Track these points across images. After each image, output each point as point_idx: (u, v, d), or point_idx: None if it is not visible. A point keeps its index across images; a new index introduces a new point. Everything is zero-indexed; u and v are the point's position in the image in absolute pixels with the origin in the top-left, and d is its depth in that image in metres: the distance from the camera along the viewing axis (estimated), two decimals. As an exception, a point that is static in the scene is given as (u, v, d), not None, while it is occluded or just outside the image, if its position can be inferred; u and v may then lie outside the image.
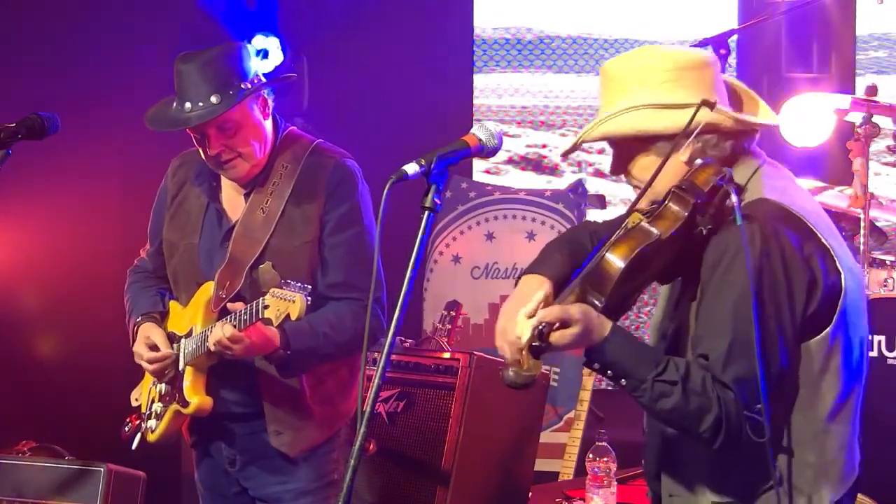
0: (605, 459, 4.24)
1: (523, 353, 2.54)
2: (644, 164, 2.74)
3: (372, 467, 4.47)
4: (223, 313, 3.65)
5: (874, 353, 4.68)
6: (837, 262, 2.65)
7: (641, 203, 2.72)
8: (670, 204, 2.61)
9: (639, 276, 2.62)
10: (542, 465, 5.02)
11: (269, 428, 3.72)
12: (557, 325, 2.54)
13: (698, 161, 2.67)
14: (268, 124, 3.74)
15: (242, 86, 3.63)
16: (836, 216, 4.92)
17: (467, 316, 6.16)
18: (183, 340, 3.77)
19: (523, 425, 4.57)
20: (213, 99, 3.59)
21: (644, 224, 2.61)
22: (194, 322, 3.74)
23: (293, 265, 3.66)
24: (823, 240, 2.65)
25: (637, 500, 4.44)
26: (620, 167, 2.81)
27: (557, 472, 5.26)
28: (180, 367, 3.75)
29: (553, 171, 7.22)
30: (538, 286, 2.82)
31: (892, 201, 5.50)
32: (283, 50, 6.64)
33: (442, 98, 6.81)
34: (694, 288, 2.71)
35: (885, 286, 5.15)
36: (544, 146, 7.23)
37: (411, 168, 2.66)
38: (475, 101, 7.17)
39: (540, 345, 2.53)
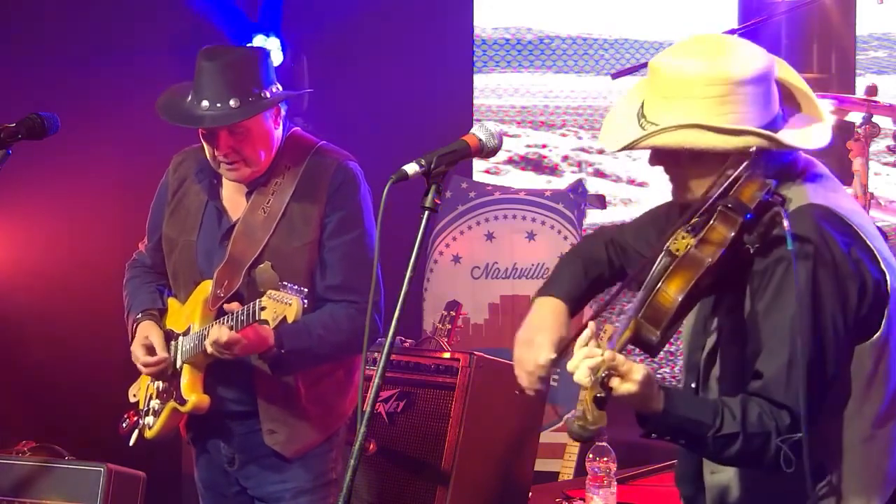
0: (605, 459, 4.24)
1: (586, 404, 2.46)
2: (687, 173, 2.72)
3: (372, 467, 4.47)
4: (221, 312, 3.65)
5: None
6: (882, 264, 2.64)
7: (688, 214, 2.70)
8: (717, 224, 2.57)
9: (689, 304, 2.58)
10: (542, 465, 5.02)
11: (263, 427, 3.72)
12: (617, 373, 2.49)
13: (741, 169, 2.62)
14: (277, 132, 3.74)
15: (262, 94, 3.62)
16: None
17: (467, 316, 6.15)
18: (181, 338, 3.76)
19: (523, 425, 4.57)
20: (232, 103, 3.58)
21: (694, 251, 2.55)
22: (192, 320, 3.74)
23: (292, 266, 3.66)
24: (868, 242, 2.64)
25: (637, 500, 4.44)
26: (660, 163, 2.77)
27: (557, 472, 5.26)
28: (178, 365, 3.75)
29: (553, 171, 7.21)
30: (553, 311, 2.84)
31: (891, 201, 5.49)
32: (284, 50, 6.64)
33: (442, 98, 6.80)
34: (734, 304, 2.68)
35: (886, 286, 5.14)
36: (544, 146, 7.23)
37: (411, 168, 2.66)
38: (475, 101, 7.16)
39: (603, 396, 2.45)
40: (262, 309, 3.41)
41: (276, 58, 6.67)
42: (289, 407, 3.72)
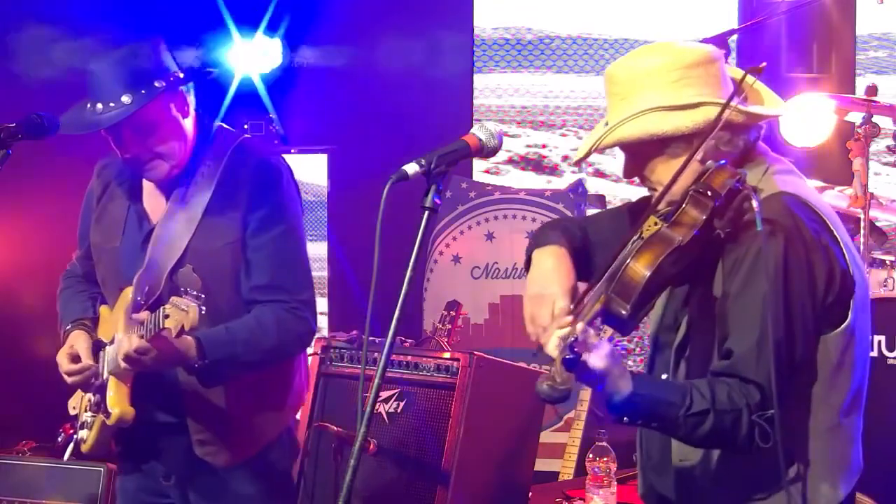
0: (605, 459, 4.25)
1: (556, 365, 2.48)
2: (658, 167, 2.74)
3: (372, 467, 4.47)
4: None
5: (874, 353, 4.68)
6: (847, 256, 2.67)
7: (660, 204, 2.71)
8: (688, 207, 2.61)
9: (659, 281, 2.60)
10: (542, 465, 5.01)
11: (193, 437, 3.59)
12: (587, 346, 2.50)
13: (710, 163, 2.66)
14: (187, 122, 3.58)
15: (156, 84, 3.47)
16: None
17: (467, 316, 6.15)
18: (108, 348, 3.63)
19: (523, 425, 4.57)
20: (125, 98, 3.44)
21: (665, 230, 2.60)
22: (117, 329, 3.60)
23: (216, 268, 3.55)
24: (836, 232, 2.68)
25: (637, 500, 4.44)
26: (633, 170, 2.80)
27: (557, 472, 5.26)
28: (104, 377, 3.62)
29: (553, 171, 7.21)
30: (556, 258, 2.81)
31: (892, 201, 5.50)
32: (283, 50, 6.64)
33: (442, 98, 6.81)
34: (705, 291, 2.71)
35: (885, 286, 5.15)
36: (544, 146, 7.23)
37: (411, 168, 2.66)
38: (475, 101, 7.16)
39: (572, 357, 2.47)
40: (167, 317, 3.27)
41: (276, 58, 6.67)
42: (218, 416, 3.58)
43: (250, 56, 6.69)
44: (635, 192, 7.23)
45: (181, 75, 3.57)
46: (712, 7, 6.94)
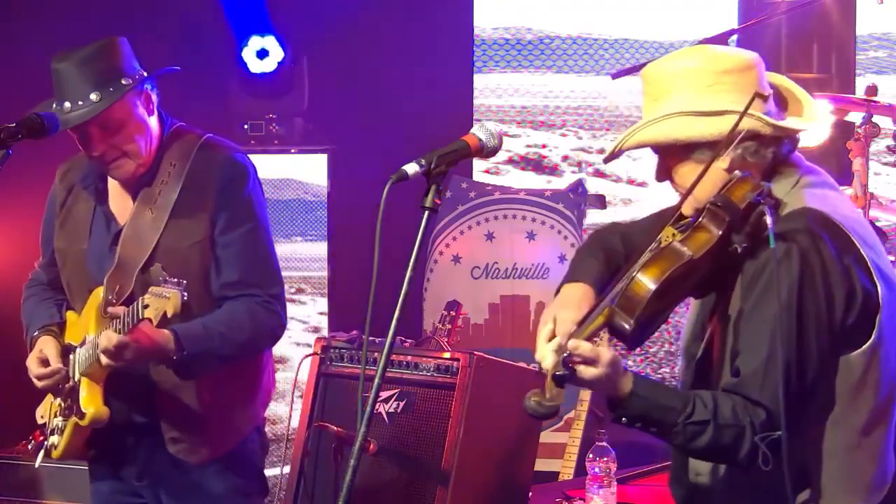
0: (605, 459, 4.24)
1: (546, 381, 2.48)
2: (684, 172, 2.71)
3: (372, 467, 4.47)
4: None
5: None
6: (874, 274, 2.62)
7: (685, 209, 2.68)
8: (704, 221, 2.58)
9: (670, 294, 2.57)
10: (542, 465, 5.01)
11: (165, 435, 3.61)
12: (582, 360, 2.49)
13: (737, 173, 2.62)
14: (152, 121, 3.61)
15: (124, 82, 3.50)
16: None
17: (467, 316, 6.15)
18: (78, 350, 3.64)
19: (523, 425, 4.56)
20: (93, 97, 3.46)
21: (676, 244, 2.57)
22: (87, 330, 3.61)
23: (185, 265, 3.55)
24: (862, 250, 2.63)
25: (637, 500, 4.44)
26: (663, 173, 2.77)
27: (557, 472, 5.26)
28: (76, 378, 3.62)
29: (553, 171, 7.21)
30: (580, 292, 2.79)
31: (892, 201, 5.50)
32: (283, 50, 6.64)
33: (442, 98, 6.80)
34: (726, 305, 2.68)
35: (885, 286, 5.15)
36: (544, 146, 7.22)
37: (411, 168, 2.66)
38: (475, 101, 7.16)
39: (564, 374, 2.47)
40: (146, 307, 3.29)
41: (276, 57, 6.67)
42: (191, 414, 3.60)
43: (250, 56, 6.69)
44: (635, 193, 7.23)
45: (145, 73, 3.60)
46: (712, 7, 6.94)
